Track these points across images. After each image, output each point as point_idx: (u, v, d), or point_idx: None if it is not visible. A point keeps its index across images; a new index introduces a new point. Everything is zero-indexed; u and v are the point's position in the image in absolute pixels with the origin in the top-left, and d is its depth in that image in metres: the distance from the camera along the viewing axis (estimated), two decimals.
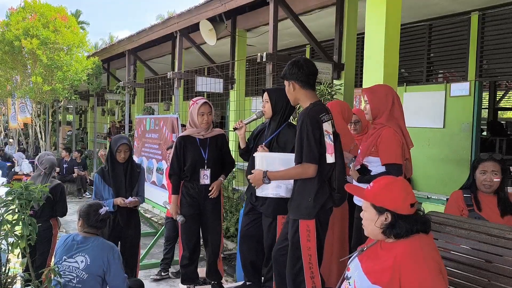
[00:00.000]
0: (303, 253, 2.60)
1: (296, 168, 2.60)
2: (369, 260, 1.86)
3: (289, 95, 2.74)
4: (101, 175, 3.78)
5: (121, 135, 4.00)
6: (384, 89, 3.02)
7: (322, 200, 2.59)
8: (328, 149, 2.55)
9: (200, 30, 7.08)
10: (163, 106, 10.93)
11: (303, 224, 2.59)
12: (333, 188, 2.63)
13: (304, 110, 2.62)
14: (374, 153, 2.91)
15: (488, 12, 6.11)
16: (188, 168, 3.58)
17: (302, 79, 2.64)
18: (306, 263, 2.61)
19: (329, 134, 2.57)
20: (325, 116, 2.58)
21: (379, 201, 1.83)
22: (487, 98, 9.79)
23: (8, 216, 2.35)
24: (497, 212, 2.60)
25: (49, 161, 4.18)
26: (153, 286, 4.60)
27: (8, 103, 14.25)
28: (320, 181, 2.59)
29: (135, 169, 3.86)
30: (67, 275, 2.72)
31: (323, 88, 5.25)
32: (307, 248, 2.60)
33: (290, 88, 2.69)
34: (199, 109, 3.56)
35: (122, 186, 3.74)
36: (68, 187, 9.90)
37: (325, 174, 2.60)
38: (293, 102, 2.78)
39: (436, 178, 6.52)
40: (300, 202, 2.61)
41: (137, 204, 3.81)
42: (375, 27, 4.03)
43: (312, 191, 2.57)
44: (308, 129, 2.52)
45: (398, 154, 2.80)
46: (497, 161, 2.65)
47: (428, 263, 1.69)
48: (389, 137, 2.82)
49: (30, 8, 9.99)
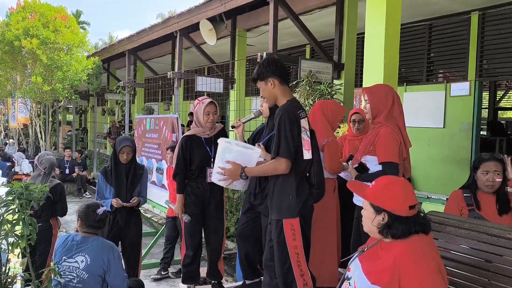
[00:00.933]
0: (290, 252, 2.60)
1: (269, 164, 2.61)
2: (369, 260, 1.86)
3: (268, 94, 2.71)
4: (103, 175, 3.81)
5: (125, 137, 4.02)
6: (384, 89, 3.02)
7: (303, 197, 2.60)
8: (305, 145, 2.57)
9: (200, 30, 7.08)
10: (163, 106, 10.94)
11: (287, 223, 2.59)
12: (312, 184, 2.65)
13: (282, 106, 2.63)
14: (372, 152, 2.92)
15: (488, 12, 6.11)
16: (196, 167, 3.59)
17: (281, 74, 2.67)
18: (294, 262, 2.61)
19: (306, 130, 2.59)
20: (302, 113, 2.60)
21: (377, 201, 1.83)
22: (487, 98, 9.79)
23: (8, 216, 2.35)
24: (496, 211, 2.61)
25: (49, 161, 4.19)
26: (153, 286, 4.60)
27: (8, 103, 14.25)
28: (298, 179, 2.60)
29: (138, 170, 3.88)
30: (67, 275, 2.72)
31: (323, 88, 5.25)
32: (294, 247, 2.59)
33: (269, 86, 2.68)
34: (205, 108, 3.58)
35: (123, 187, 3.75)
36: (68, 187, 9.91)
37: (303, 170, 2.62)
38: (272, 101, 2.74)
39: (436, 178, 6.52)
40: (281, 201, 2.61)
41: (137, 204, 3.82)
42: (375, 27, 4.03)
43: (292, 189, 2.58)
44: (286, 125, 2.53)
45: (395, 153, 2.81)
46: (499, 160, 2.66)
47: (428, 263, 1.69)
48: (387, 136, 2.83)
49: (30, 8, 9.98)
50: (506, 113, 12.84)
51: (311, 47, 8.52)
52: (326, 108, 3.62)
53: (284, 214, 2.60)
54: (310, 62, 5.62)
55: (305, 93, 5.29)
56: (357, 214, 3.15)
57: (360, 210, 1.95)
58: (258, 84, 2.75)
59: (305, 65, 5.48)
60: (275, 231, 2.66)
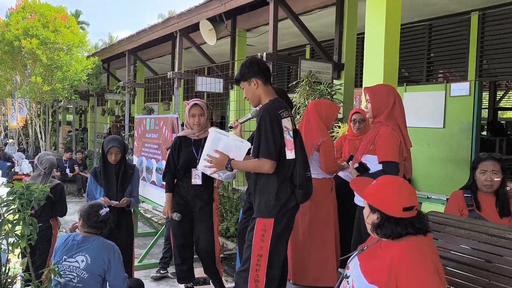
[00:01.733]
0: (253, 252, 2.53)
1: (254, 162, 2.59)
2: (368, 259, 1.86)
3: (251, 95, 2.71)
4: (93, 175, 3.80)
5: (113, 137, 3.97)
6: (386, 89, 3.01)
7: (283, 199, 2.56)
8: (288, 145, 2.55)
9: (200, 30, 7.08)
10: (163, 106, 10.94)
11: (259, 222, 2.56)
12: (294, 185, 2.61)
13: (264, 106, 2.62)
14: (372, 151, 2.91)
15: (488, 12, 6.11)
16: (181, 167, 3.62)
17: (264, 74, 2.66)
18: (253, 264, 2.53)
19: (289, 130, 2.56)
20: (284, 113, 2.58)
21: (372, 200, 1.83)
22: (487, 98, 9.79)
23: (9, 216, 2.35)
24: (497, 212, 2.61)
25: (49, 161, 4.19)
26: (153, 286, 4.60)
27: (8, 103, 14.24)
28: (281, 179, 2.57)
29: (128, 170, 3.86)
30: (68, 275, 2.72)
31: (323, 88, 5.25)
32: (259, 248, 2.53)
33: (252, 87, 2.67)
34: (190, 110, 3.63)
35: (113, 187, 3.74)
36: (68, 187, 9.91)
37: (286, 171, 2.59)
38: (256, 101, 2.73)
39: (436, 178, 6.52)
40: (261, 200, 2.59)
41: (127, 204, 3.81)
42: (375, 27, 4.03)
43: (273, 190, 2.55)
44: (267, 125, 2.51)
45: (395, 152, 2.80)
46: (496, 160, 2.65)
47: (425, 264, 1.68)
48: (387, 135, 2.82)
49: (30, 8, 9.98)
50: (506, 113, 12.85)
51: (311, 47, 8.52)
52: (319, 107, 3.63)
53: (260, 213, 2.58)
54: (310, 62, 5.62)
55: (305, 93, 5.29)
56: (358, 214, 3.15)
57: (361, 211, 1.95)
58: (241, 85, 2.73)
59: (305, 65, 5.48)
60: (249, 228, 2.64)
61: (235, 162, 2.65)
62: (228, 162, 2.64)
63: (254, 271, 2.52)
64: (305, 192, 2.62)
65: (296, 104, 5.29)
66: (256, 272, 2.52)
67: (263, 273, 2.52)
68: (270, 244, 2.52)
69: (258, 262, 2.52)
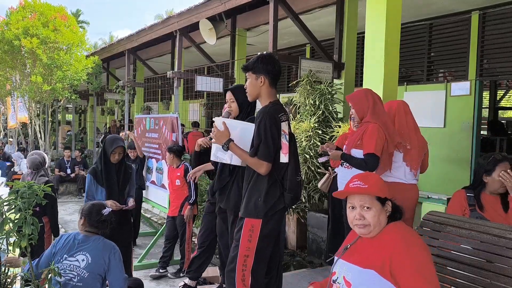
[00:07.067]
0: (240, 252, 2.53)
1: (252, 159, 2.56)
2: (356, 254, 1.87)
3: (252, 89, 2.65)
4: (93, 175, 3.76)
5: (116, 136, 3.96)
6: (363, 91, 3.32)
7: (271, 201, 2.56)
8: (283, 148, 2.55)
9: (200, 29, 7.08)
10: (163, 106, 10.92)
11: (247, 222, 2.55)
12: (284, 188, 2.61)
13: (264, 108, 2.60)
14: (359, 146, 3.15)
15: (489, 11, 6.10)
16: None
17: (273, 75, 2.63)
18: (240, 264, 2.53)
19: (286, 134, 2.57)
20: (283, 116, 2.58)
21: (381, 192, 1.85)
22: (487, 98, 9.78)
23: (10, 215, 2.35)
24: (501, 212, 2.61)
25: (31, 160, 4.36)
26: (152, 285, 4.60)
27: (7, 103, 14.23)
28: (271, 181, 2.57)
29: (128, 169, 3.86)
30: (68, 274, 2.71)
31: (323, 87, 5.24)
32: (246, 248, 2.53)
33: (257, 82, 2.62)
34: None
35: (115, 187, 3.73)
36: (69, 187, 9.89)
37: (278, 174, 2.59)
38: (253, 97, 2.69)
39: (436, 177, 6.51)
40: (249, 200, 2.58)
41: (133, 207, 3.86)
42: (376, 26, 4.03)
43: (263, 191, 2.55)
44: (267, 127, 2.51)
45: (378, 146, 3.04)
46: (508, 160, 2.68)
47: (419, 244, 1.77)
48: (373, 131, 3.08)
49: (30, 7, 9.97)
50: (506, 113, 12.83)
51: (311, 46, 8.51)
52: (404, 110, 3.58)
53: (248, 213, 2.58)
54: (310, 62, 5.62)
55: (305, 92, 5.29)
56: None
57: None
58: (248, 74, 2.68)
59: (305, 65, 5.48)
60: (236, 228, 2.64)
61: (234, 145, 2.62)
62: (227, 141, 2.62)
63: (241, 271, 2.54)
64: (294, 196, 2.62)
65: (296, 104, 5.28)
66: (242, 272, 2.54)
67: (249, 273, 2.55)
68: (257, 245, 2.53)
69: (245, 263, 2.53)
